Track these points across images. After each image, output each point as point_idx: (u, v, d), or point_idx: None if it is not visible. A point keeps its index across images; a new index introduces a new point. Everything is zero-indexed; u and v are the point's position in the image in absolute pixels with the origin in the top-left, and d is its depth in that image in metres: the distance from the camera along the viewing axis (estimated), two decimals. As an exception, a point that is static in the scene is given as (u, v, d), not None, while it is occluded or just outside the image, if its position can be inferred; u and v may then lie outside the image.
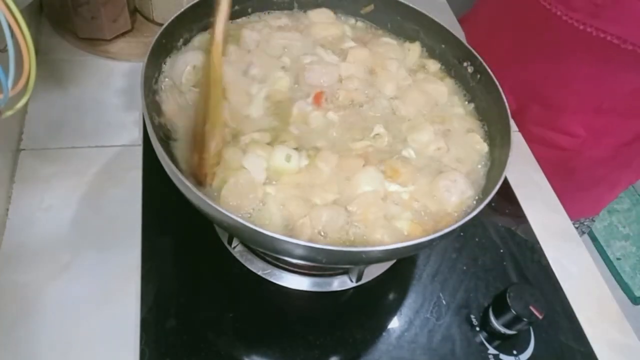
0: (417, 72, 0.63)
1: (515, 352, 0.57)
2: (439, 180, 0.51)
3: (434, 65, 0.63)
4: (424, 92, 0.59)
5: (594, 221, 1.01)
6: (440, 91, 0.60)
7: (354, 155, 0.52)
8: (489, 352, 0.56)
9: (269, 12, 0.65)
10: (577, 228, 0.95)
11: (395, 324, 0.57)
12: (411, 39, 0.65)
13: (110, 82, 0.75)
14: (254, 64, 0.57)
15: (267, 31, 0.61)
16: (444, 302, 0.60)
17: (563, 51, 0.76)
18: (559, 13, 0.72)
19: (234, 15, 0.62)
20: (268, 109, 0.55)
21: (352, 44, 0.62)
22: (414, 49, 0.64)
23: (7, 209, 0.59)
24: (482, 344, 0.57)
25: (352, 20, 0.67)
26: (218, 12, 0.50)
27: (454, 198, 0.50)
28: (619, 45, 0.68)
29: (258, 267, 0.58)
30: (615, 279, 1.84)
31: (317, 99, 0.56)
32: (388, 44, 0.64)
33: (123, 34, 0.79)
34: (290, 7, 0.65)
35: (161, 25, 0.52)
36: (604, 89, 0.75)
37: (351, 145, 0.53)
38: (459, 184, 0.51)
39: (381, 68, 0.60)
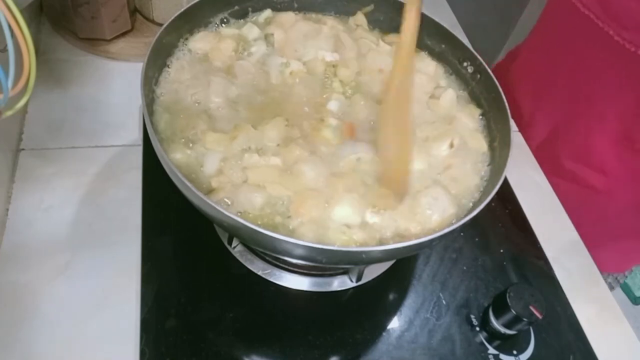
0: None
1: (515, 352, 0.57)
2: (420, 198, 0.49)
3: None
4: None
5: (626, 276, 0.93)
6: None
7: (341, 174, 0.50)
8: (489, 352, 0.56)
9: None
10: (609, 283, 0.89)
11: (395, 324, 0.57)
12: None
13: (110, 82, 0.75)
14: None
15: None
16: (444, 302, 0.60)
17: (606, 74, 0.71)
18: (611, 32, 0.67)
19: (236, 15, 0.62)
20: None
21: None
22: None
23: (7, 209, 0.59)
24: (482, 344, 0.57)
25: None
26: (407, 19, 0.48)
27: (436, 217, 0.48)
28: None
29: (258, 267, 0.58)
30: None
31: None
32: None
33: (123, 34, 0.79)
34: (290, 8, 0.65)
35: (161, 25, 0.52)
36: None
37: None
38: (441, 201, 0.49)
39: None
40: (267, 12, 0.63)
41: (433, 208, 0.48)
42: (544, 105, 0.82)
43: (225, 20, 0.61)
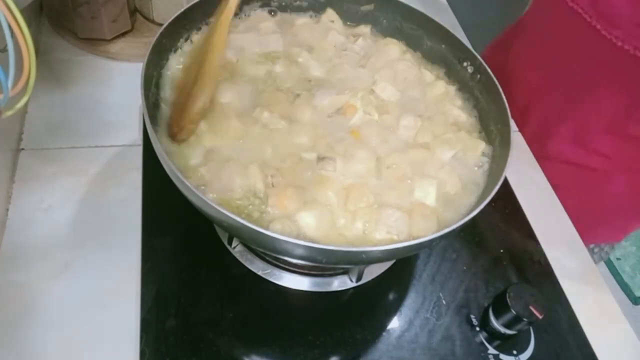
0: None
1: (515, 352, 0.57)
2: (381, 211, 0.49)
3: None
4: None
5: (613, 248, 0.96)
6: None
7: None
8: (489, 352, 0.56)
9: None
10: (595, 254, 0.93)
11: (395, 324, 0.57)
12: (411, 39, 0.65)
13: (110, 82, 0.75)
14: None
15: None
16: (444, 302, 0.60)
17: (598, 69, 0.73)
18: (599, 27, 0.69)
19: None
20: None
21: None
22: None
23: (7, 209, 0.59)
24: (482, 344, 0.57)
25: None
26: None
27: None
28: None
29: (258, 267, 0.58)
30: (615, 279, 1.84)
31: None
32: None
33: (123, 34, 0.79)
34: (292, 8, 0.65)
35: (161, 25, 0.52)
36: (634, 112, 0.73)
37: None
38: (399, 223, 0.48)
39: None
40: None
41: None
42: (538, 94, 0.84)
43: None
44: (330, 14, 0.66)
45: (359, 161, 0.51)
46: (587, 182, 0.82)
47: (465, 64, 0.61)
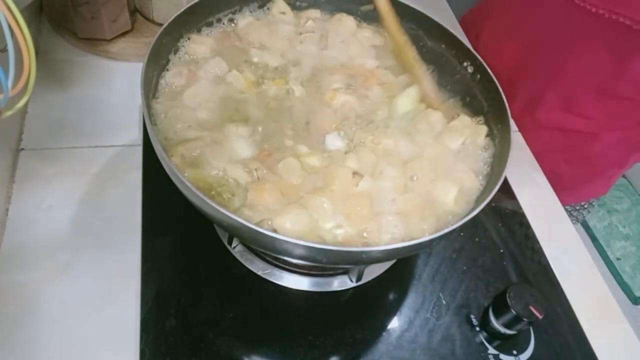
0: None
1: (515, 352, 0.57)
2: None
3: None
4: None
5: (589, 211, 1.02)
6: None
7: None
8: (489, 352, 0.56)
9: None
10: (573, 215, 0.99)
11: (395, 324, 0.57)
12: (411, 39, 0.65)
13: (110, 82, 0.75)
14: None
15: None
16: (444, 302, 0.60)
17: (577, 36, 0.76)
18: None
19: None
20: None
21: None
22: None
23: (7, 209, 0.59)
24: (482, 344, 0.57)
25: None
26: None
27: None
28: (632, 27, 0.69)
29: (258, 267, 0.58)
30: (615, 279, 1.84)
31: None
32: None
33: (123, 34, 0.79)
34: (293, 7, 0.65)
35: (161, 25, 0.52)
36: (617, 72, 0.76)
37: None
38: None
39: None
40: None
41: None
42: (522, 67, 0.87)
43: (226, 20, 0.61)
44: (280, 5, 0.65)
45: (388, 179, 0.51)
46: (575, 144, 0.86)
47: (465, 64, 0.61)
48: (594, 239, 1.94)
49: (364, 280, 0.59)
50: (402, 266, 0.62)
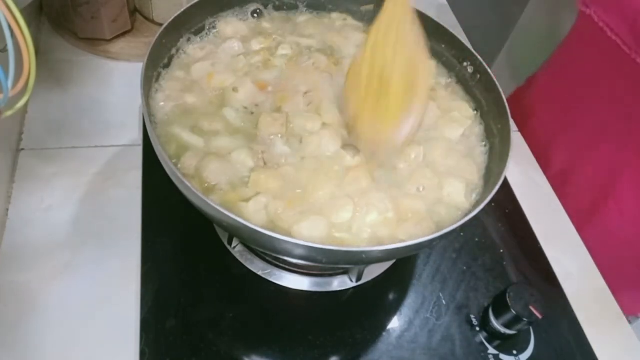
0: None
1: (515, 352, 0.57)
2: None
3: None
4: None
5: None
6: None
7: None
8: (489, 352, 0.56)
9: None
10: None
11: (395, 324, 0.57)
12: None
13: (110, 82, 0.75)
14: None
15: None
16: (444, 302, 0.60)
17: (632, 106, 0.70)
18: (639, 60, 0.64)
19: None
20: None
21: None
22: None
23: (7, 209, 0.59)
24: (482, 344, 0.57)
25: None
26: None
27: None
28: None
29: (258, 267, 0.58)
30: (615, 279, 1.84)
31: None
32: None
33: (123, 34, 0.79)
34: (293, 7, 0.65)
35: (161, 25, 0.52)
36: None
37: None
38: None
39: None
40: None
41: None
42: (563, 134, 0.81)
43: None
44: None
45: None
46: (611, 243, 0.76)
47: (465, 64, 0.61)
48: (594, 239, 1.93)
49: (364, 280, 0.59)
50: (402, 266, 0.62)
